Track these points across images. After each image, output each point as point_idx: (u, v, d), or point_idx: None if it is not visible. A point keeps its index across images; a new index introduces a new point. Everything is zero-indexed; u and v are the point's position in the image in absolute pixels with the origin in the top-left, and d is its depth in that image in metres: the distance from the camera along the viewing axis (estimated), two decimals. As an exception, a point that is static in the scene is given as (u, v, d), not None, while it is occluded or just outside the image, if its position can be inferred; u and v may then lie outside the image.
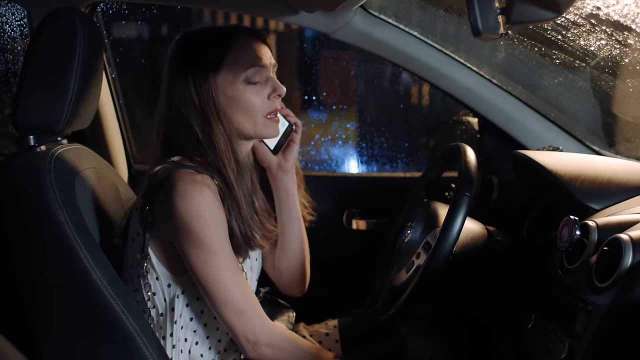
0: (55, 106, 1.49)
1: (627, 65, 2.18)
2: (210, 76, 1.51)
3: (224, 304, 1.46)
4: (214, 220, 1.44)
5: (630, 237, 1.20)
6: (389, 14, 2.17)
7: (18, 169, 1.48)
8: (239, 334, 1.48)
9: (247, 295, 1.48)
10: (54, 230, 1.41)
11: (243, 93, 1.52)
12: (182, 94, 1.51)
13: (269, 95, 1.55)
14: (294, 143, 1.68)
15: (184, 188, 1.42)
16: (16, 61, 2.64)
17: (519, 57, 2.48)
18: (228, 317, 1.47)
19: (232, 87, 1.52)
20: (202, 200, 1.42)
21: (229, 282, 1.45)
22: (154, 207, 1.50)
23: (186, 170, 1.46)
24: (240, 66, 1.52)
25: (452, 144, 1.77)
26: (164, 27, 4.13)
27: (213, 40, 1.53)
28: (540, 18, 1.16)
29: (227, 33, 1.54)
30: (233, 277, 1.46)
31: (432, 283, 1.52)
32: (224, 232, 1.47)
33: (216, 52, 1.52)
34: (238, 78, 1.52)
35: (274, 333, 1.51)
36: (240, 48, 1.53)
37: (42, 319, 1.45)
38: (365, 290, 2.00)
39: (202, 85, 1.50)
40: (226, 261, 1.46)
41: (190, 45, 1.55)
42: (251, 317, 1.48)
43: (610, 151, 2.25)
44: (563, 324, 1.32)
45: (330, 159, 4.04)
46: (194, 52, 1.53)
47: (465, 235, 1.66)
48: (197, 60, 1.52)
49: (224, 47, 1.52)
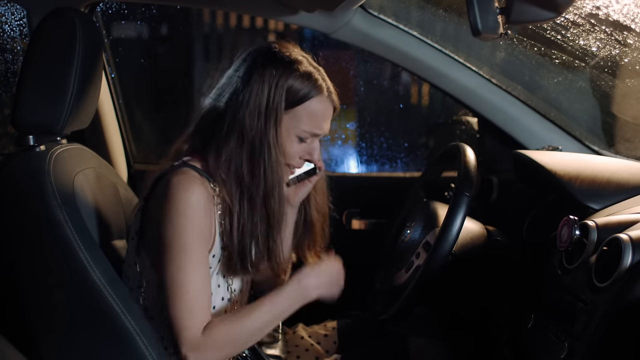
0: (55, 106, 1.49)
1: (626, 65, 2.18)
2: (282, 107, 1.50)
3: (170, 295, 1.42)
4: (195, 221, 1.43)
5: (630, 237, 1.20)
6: (388, 14, 2.17)
7: (17, 169, 1.47)
8: (174, 338, 1.43)
9: (193, 301, 1.42)
10: (54, 230, 1.41)
11: (288, 139, 1.53)
12: (252, 102, 1.48)
13: (302, 155, 1.57)
14: (310, 183, 1.66)
15: (175, 182, 1.42)
16: (16, 61, 2.64)
17: (518, 57, 2.48)
18: (169, 313, 1.42)
19: (285, 130, 1.52)
20: (187, 198, 1.41)
21: (183, 287, 1.41)
22: (150, 203, 1.50)
23: (186, 169, 1.46)
24: (303, 123, 1.52)
25: (452, 143, 1.77)
26: (164, 27, 4.13)
27: (307, 80, 1.51)
28: (540, 18, 1.16)
29: (319, 83, 1.52)
30: (190, 285, 1.42)
31: (431, 283, 1.53)
32: (200, 236, 1.45)
33: (302, 94, 1.50)
34: (294, 130, 1.52)
35: (200, 338, 1.43)
36: (315, 107, 1.53)
37: (41, 319, 1.45)
38: (364, 290, 2.00)
39: (272, 109, 1.49)
40: (193, 266, 1.42)
41: (289, 65, 1.52)
42: (186, 323, 1.41)
43: (609, 151, 2.25)
44: (563, 323, 1.32)
45: (330, 158, 4.04)
46: (288, 74, 1.50)
47: (465, 235, 1.66)
48: (284, 85, 1.49)
49: (308, 94, 1.51)
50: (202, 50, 4.36)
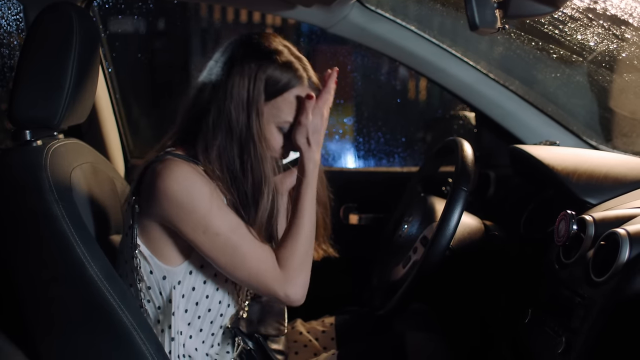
0: (52, 101, 1.49)
1: (624, 60, 2.18)
2: (263, 97, 1.49)
3: (234, 269, 1.45)
4: (200, 189, 1.42)
5: (627, 232, 1.21)
6: (385, 9, 2.17)
7: (14, 163, 1.47)
8: (265, 294, 1.48)
9: (253, 253, 1.45)
10: (50, 225, 1.40)
11: (271, 133, 1.52)
12: (235, 92, 1.47)
13: (287, 147, 1.56)
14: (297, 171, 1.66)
15: (166, 168, 1.42)
16: (12, 56, 2.63)
17: (516, 52, 2.48)
18: (245, 281, 1.46)
19: (267, 121, 1.51)
20: (184, 175, 1.41)
21: (232, 246, 1.43)
22: (140, 196, 1.49)
23: (170, 157, 1.45)
24: (285, 112, 1.51)
25: (449, 138, 1.77)
26: (161, 22, 4.13)
27: (288, 69, 1.50)
28: (538, 12, 1.16)
29: (300, 72, 1.51)
30: (236, 238, 1.44)
31: (429, 278, 1.53)
32: (215, 197, 1.45)
33: (283, 84, 1.49)
34: (276, 119, 1.51)
35: (292, 271, 1.48)
36: (297, 96, 1.51)
37: (38, 314, 1.45)
38: (362, 285, 2.00)
39: (253, 99, 1.48)
40: (225, 224, 1.43)
41: (269, 54, 1.50)
42: (265, 272, 1.46)
43: (607, 146, 2.25)
44: (560, 318, 1.32)
45: (328, 153, 4.04)
46: (268, 63, 1.49)
47: (462, 229, 1.66)
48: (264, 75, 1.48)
49: (289, 83, 1.50)
50: (199, 45, 4.35)
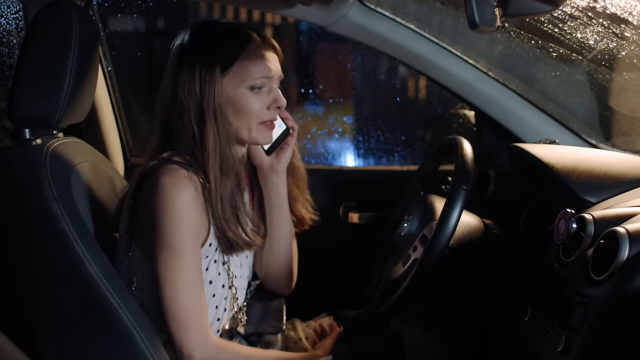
0: (51, 99, 1.49)
1: (623, 58, 2.18)
2: (218, 73, 1.50)
3: (168, 309, 1.45)
4: (188, 222, 1.44)
5: (627, 230, 1.21)
6: (385, 7, 2.16)
7: (13, 162, 1.47)
8: (175, 344, 1.46)
9: (194, 307, 1.46)
10: (50, 223, 1.40)
11: (245, 97, 1.52)
12: (187, 84, 1.50)
13: (269, 106, 1.56)
14: (289, 146, 1.68)
15: (166, 183, 1.43)
16: (12, 54, 2.63)
17: (515, 50, 2.48)
18: (169, 323, 1.46)
19: (236, 89, 1.52)
20: (180, 199, 1.42)
21: (180, 288, 1.44)
22: (138, 202, 1.50)
23: (172, 166, 1.46)
24: (249, 72, 1.52)
25: (449, 137, 1.77)
26: (160, 20, 4.12)
27: (229, 39, 1.53)
28: (537, 10, 1.16)
29: (244, 35, 1.54)
30: (187, 285, 1.45)
31: (428, 276, 1.53)
32: (194, 236, 1.47)
33: (230, 51, 1.52)
34: (244, 82, 1.52)
35: (213, 349, 1.48)
36: (253, 54, 1.53)
37: (38, 313, 1.45)
38: (361, 283, 2.00)
39: (207, 80, 1.50)
40: (187, 267, 1.45)
41: (205, 36, 1.54)
42: (189, 330, 1.45)
43: (606, 144, 2.25)
44: (560, 316, 1.32)
45: (327, 152, 4.04)
46: (207, 45, 1.53)
47: (462, 228, 1.66)
48: (209, 54, 1.51)
49: (238, 48, 1.52)
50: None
